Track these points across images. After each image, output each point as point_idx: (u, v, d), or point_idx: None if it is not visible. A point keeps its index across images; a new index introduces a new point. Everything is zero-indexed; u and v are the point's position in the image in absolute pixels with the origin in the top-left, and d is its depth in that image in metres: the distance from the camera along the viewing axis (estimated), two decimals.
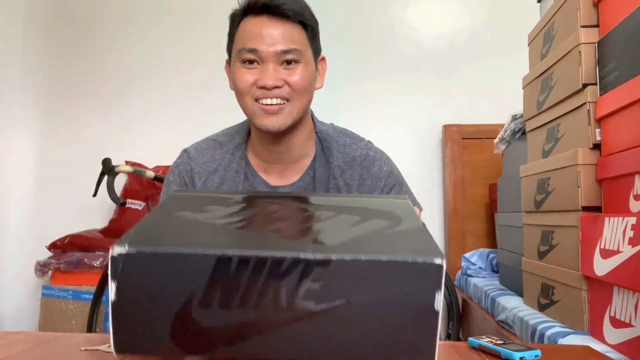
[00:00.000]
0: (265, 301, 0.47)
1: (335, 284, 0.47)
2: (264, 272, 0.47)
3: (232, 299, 0.47)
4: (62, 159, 2.76)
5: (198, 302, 0.47)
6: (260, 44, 0.91)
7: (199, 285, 0.47)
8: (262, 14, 0.92)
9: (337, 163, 1.01)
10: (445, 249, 2.57)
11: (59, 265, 2.27)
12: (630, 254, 0.87)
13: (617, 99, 0.99)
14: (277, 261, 0.47)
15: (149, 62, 2.78)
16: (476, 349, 0.73)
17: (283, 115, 0.93)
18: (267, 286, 0.47)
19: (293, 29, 0.93)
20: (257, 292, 0.47)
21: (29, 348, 0.73)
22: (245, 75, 0.93)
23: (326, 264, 0.47)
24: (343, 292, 0.47)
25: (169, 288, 0.47)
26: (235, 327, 0.48)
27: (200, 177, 1.01)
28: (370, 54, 2.68)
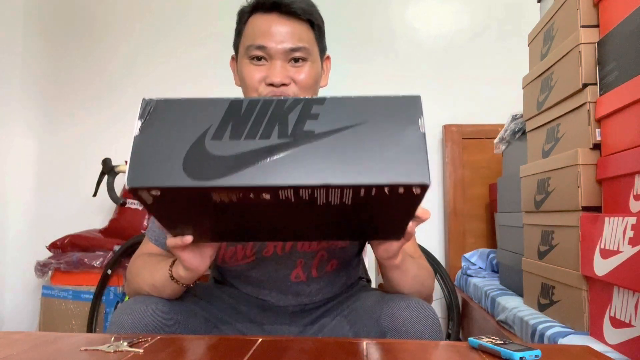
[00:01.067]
0: (271, 131, 0.54)
1: (332, 115, 0.54)
2: (270, 109, 0.55)
3: (241, 131, 0.54)
4: (62, 159, 2.76)
5: (211, 135, 0.54)
6: (269, 41, 0.91)
7: (213, 122, 0.54)
8: (271, 12, 0.92)
9: None
10: (445, 249, 2.57)
11: (59, 265, 2.27)
12: (630, 254, 0.87)
13: (617, 99, 0.99)
14: (281, 100, 0.55)
15: (150, 62, 2.78)
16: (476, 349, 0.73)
17: None
18: (272, 121, 0.54)
19: (301, 27, 0.93)
20: (264, 125, 0.54)
21: (29, 348, 0.73)
22: (253, 72, 0.93)
23: (322, 101, 0.55)
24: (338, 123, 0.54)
25: (186, 125, 0.54)
26: (242, 155, 0.53)
27: None
28: (370, 54, 2.68)
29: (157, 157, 0.53)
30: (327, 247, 1.00)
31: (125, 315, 0.84)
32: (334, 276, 1.04)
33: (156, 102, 0.56)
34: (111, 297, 2.17)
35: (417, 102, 0.55)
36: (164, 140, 0.54)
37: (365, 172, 0.53)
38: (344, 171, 0.53)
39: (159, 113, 0.56)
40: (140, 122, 0.55)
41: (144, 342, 0.74)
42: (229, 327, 0.99)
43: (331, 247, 1.00)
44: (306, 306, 1.04)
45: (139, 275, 0.91)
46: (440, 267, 2.23)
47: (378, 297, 0.93)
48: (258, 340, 0.75)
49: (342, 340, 0.78)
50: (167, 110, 0.56)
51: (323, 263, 1.00)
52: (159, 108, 0.56)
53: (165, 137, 0.54)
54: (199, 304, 0.97)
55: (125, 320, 0.83)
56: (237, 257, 0.99)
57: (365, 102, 0.55)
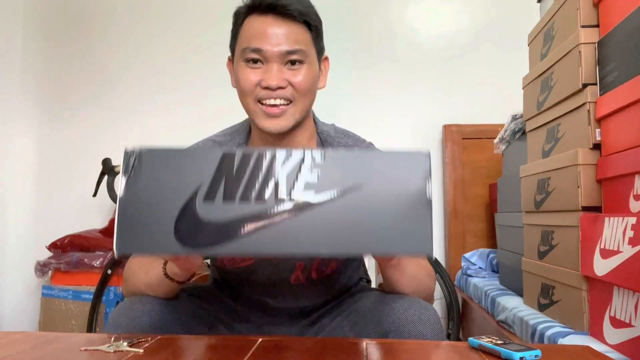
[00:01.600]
0: (266, 193, 0.50)
1: (331, 175, 0.50)
2: (265, 165, 0.51)
3: (235, 192, 0.50)
4: (62, 159, 2.76)
5: (203, 196, 0.50)
6: (264, 44, 0.90)
7: (204, 180, 0.50)
8: (267, 13, 0.91)
9: None
10: (445, 249, 2.57)
11: (59, 265, 2.27)
12: (630, 254, 0.87)
13: (617, 99, 0.99)
14: (277, 154, 0.51)
15: (149, 58, 2.77)
16: (476, 349, 0.73)
17: (285, 117, 0.93)
18: (268, 178, 0.50)
19: (298, 29, 0.92)
20: (259, 184, 0.50)
21: (29, 348, 0.73)
22: (249, 75, 0.92)
23: (321, 156, 0.51)
24: (340, 184, 0.50)
25: (175, 183, 0.50)
26: (236, 222, 0.50)
27: None
28: (370, 54, 2.68)
29: (146, 221, 0.50)
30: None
31: (121, 316, 0.84)
32: (334, 278, 1.04)
33: (140, 154, 0.51)
34: (111, 297, 2.17)
35: (424, 160, 0.52)
36: (152, 200, 0.50)
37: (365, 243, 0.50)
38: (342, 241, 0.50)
39: (144, 167, 0.51)
40: (125, 178, 0.50)
41: (144, 342, 0.74)
42: (227, 328, 0.99)
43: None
44: (306, 308, 1.03)
45: (135, 275, 0.91)
46: (440, 267, 2.23)
47: (379, 297, 0.93)
48: (258, 340, 0.75)
49: (342, 340, 0.78)
50: (152, 163, 0.51)
51: (322, 265, 1.00)
52: (144, 161, 0.51)
53: (153, 197, 0.50)
54: (198, 304, 0.97)
55: (122, 321, 0.83)
56: (236, 260, 0.98)
57: (368, 158, 0.51)
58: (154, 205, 0.50)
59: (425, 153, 0.51)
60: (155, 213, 0.50)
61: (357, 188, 0.50)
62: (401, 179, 0.51)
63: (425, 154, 0.52)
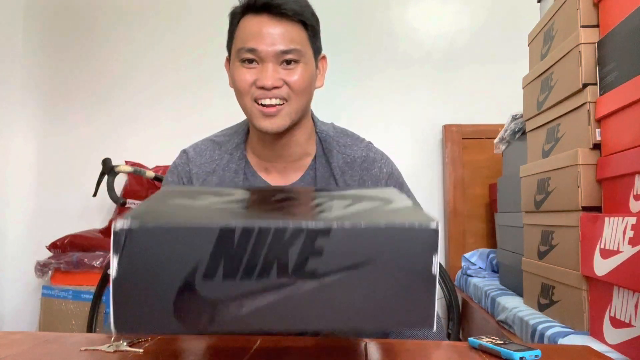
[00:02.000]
0: (269, 269, 0.48)
1: (336, 253, 0.48)
2: (267, 242, 0.47)
3: (236, 268, 0.47)
4: (62, 159, 2.76)
5: (202, 274, 0.47)
6: (259, 44, 0.90)
7: (203, 257, 0.47)
8: (262, 13, 0.91)
9: (337, 164, 1.00)
10: (445, 249, 2.57)
11: (59, 265, 2.27)
12: (630, 254, 0.87)
13: (617, 99, 0.99)
14: (280, 230, 0.48)
15: (150, 61, 2.78)
16: (476, 349, 0.74)
17: (281, 116, 0.93)
18: (271, 256, 0.48)
19: (293, 28, 0.92)
20: (261, 261, 0.47)
21: (29, 348, 0.73)
22: (244, 75, 0.92)
23: (327, 232, 0.48)
24: (345, 261, 0.48)
25: (171, 261, 0.47)
26: (239, 298, 0.48)
27: (199, 178, 1.00)
28: (370, 54, 2.68)
29: (143, 300, 0.47)
30: None
31: None
32: None
33: (131, 231, 0.48)
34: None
35: (431, 235, 0.49)
36: (148, 279, 0.47)
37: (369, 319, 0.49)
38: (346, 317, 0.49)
39: (136, 245, 0.47)
40: (116, 258, 0.47)
41: (144, 342, 0.74)
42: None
43: None
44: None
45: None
46: (440, 267, 2.23)
47: None
48: (257, 340, 0.75)
49: (342, 340, 0.78)
50: (145, 241, 0.47)
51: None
52: (136, 239, 0.48)
53: (149, 275, 0.47)
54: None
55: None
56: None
57: (375, 234, 0.49)
58: (150, 284, 0.47)
59: (433, 228, 0.49)
60: (152, 292, 0.47)
61: (362, 264, 0.49)
62: (407, 254, 0.49)
63: (432, 228, 0.49)
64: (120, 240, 0.48)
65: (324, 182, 1.00)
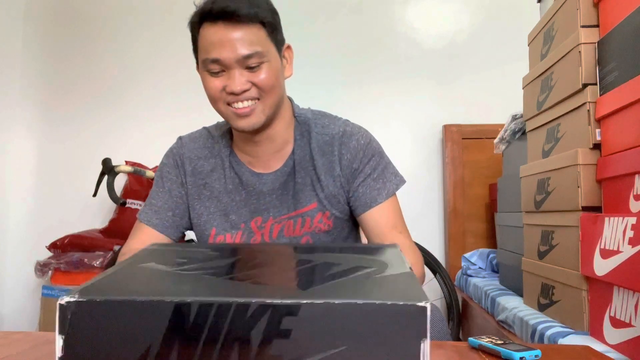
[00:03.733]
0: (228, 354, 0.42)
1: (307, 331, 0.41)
2: (227, 320, 0.42)
3: (193, 353, 0.42)
4: (62, 159, 2.76)
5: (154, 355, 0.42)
6: (221, 53, 0.91)
7: (155, 338, 0.42)
8: (218, 21, 0.91)
9: (316, 144, 1.02)
10: (445, 249, 2.57)
11: (59, 265, 2.27)
12: (630, 254, 0.87)
13: (617, 99, 0.99)
14: (242, 306, 0.42)
15: (150, 61, 2.78)
16: (476, 349, 0.74)
17: (255, 115, 0.95)
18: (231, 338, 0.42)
19: (251, 30, 0.92)
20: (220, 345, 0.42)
21: (29, 348, 0.73)
22: (213, 83, 0.95)
23: (296, 309, 0.41)
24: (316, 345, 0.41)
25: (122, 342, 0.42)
26: None
27: (191, 162, 1.06)
28: (370, 54, 2.68)
29: None
30: (309, 231, 1.00)
31: None
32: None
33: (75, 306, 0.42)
34: None
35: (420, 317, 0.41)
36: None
37: None
38: None
39: (81, 324, 0.42)
40: (62, 339, 0.42)
41: None
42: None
43: (314, 231, 1.00)
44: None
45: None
46: (440, 267, 2.23)
47: None
48: None
49: None
50: (93, 317, 0.42)
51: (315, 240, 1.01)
52: (80, 316, 0.42)
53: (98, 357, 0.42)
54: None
55: None
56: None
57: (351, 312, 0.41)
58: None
59: (422, 306, 0.41)
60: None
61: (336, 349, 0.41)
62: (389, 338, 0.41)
63: (421, 307, 0.41)
64: (65, 317, 0.42)
65: (304, 165, 1.01)
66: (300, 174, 1.01)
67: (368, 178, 1.01)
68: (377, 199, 1.00)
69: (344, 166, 1.00)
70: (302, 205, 0.99)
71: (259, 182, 1.02)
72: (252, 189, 1.02)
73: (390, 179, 1.03)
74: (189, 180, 1.04)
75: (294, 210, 1.00)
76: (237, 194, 1.02)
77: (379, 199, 1.00)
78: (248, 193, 1.02)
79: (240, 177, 1.03)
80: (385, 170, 1.04)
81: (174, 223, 1.03)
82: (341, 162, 1.00)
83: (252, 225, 1.00)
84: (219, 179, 1.03)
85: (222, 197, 1.02)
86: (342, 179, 1.00)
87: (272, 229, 0.99)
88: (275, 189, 1.01)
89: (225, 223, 1.01)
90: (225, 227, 1.01)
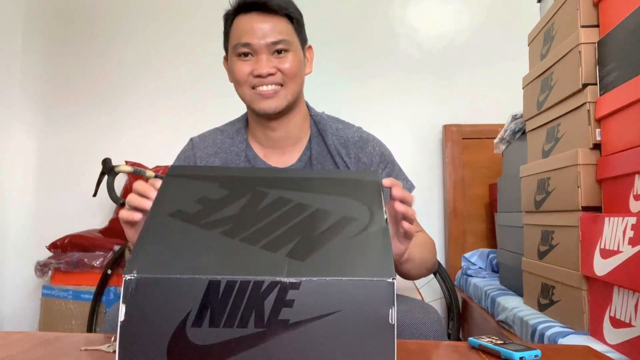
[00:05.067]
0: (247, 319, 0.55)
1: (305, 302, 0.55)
2: (247, 292, 0.55)
3: (220, 318, 0.55)
4: (62, 159, 2.76)
5: (192, 322, 0.55)
6: (252, 38, 1.01)
7: (193, 305, 0.55)
8: (251, 12, 1.02)
9: (332, 143, 1.10)
10: (445, 249, 2.57)
11: (59, 265, 2.27)
12: (630, 254, 0.87)
13: (617, 99, 0.99)
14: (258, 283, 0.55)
15: (149, 61, 2.78)
16: (476, 349, 0.74)
17: (278, 98, 1.03)
18: (249, 305, 0.55)
19: (280, 22, 1.02)
20: (240, 311, 0.55)
21: (29, 348, 0.73)
22: (241, 67, 1.03)
23: (297, 285, 0.56)
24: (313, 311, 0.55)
25: (168, 309, 0.55)
26: (221, 345, 0.55)
27: (202, 160, 1.11)
28: (370, 54, 2.68)
29: (143, 345, 0.55)
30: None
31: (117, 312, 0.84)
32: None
33: (136, 282, 0.56)
34: (111, 297, 2.17)
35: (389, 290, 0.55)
36: (148, 326, 0.55)
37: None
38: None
39: (140, 295, 0.56)
40: (124, 306, 0.55)
41: None
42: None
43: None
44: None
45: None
46: (440, 267, 2.23)
47: None
48: None
49: None
50: (148, 291, 0.56)
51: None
52: (140, 289, 0.56)
53: (149, 323, 0.55)
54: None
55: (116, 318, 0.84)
56: None
57: (339, 287, 0.56)
58: (149, 332, 0.55)
59: (389, 281, 0.55)
60: (151, 337, 0.55)
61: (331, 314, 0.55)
62: (366, 306, 0.55)
63: (389, 282, 0.55)
64: (128, 290, 0.55)
65: (320, 160, 1.08)
66: (316, 167, 1.08)
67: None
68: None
69: (360, 168, 1.09)
70: None
71: None
72: None
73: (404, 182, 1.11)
74: None
75: None
76: None
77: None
78: None
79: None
80: (397, 177, 1.12)
81: None
82: (357, 164, 1.09)
83: None
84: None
85: None
86: None
87: None
88: None
89: None
90: None
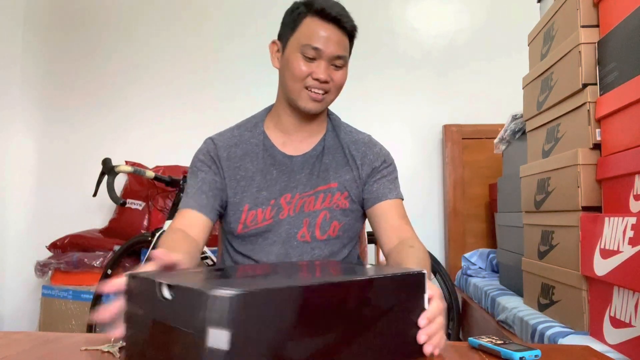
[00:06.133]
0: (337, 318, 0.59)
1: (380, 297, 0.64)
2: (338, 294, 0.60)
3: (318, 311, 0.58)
4: (62, 158, 2.76)
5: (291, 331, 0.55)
6: (325, 47, 1.11)
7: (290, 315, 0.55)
8: (330, 22, 1.11)
9: (344, 138, 1.21)
10: (445, 249, 2.57)
11: (59, 265, 2.27)
12: (630, 254, 0.87)
13: (617, 99, 0.99)
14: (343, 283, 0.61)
15: (149, 61, 2.78)
16: (476, 349, 0.74)
17: (323, 103, 1.14)
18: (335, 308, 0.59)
19: (345, 39, 1.14)
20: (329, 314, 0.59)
21: (29, 348, 0.73)
22: (303, 66, 1.11)
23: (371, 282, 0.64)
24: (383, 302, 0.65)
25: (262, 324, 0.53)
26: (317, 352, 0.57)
27: (224, 150, 1.18)
28: (371, 54, 2.68)
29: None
30: (328, 206, 1.16)
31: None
32: (337, 246, 1.16)
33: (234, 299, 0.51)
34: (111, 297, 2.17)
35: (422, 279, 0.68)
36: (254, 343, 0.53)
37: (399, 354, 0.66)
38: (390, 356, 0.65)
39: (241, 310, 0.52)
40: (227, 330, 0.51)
41: None
42: None
43: (332, 207, 1.15)
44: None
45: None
46: (440, 267, 2.23)
47: None
48: None
49: None
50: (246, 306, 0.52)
51: (325, 224, 1.14)
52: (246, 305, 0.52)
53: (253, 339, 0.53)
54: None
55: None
56: (258, 220, 1.14)
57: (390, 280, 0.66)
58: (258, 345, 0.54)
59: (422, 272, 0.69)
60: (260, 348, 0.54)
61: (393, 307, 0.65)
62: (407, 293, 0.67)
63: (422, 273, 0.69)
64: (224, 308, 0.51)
65: (332, 151, 1.19)
66: (327, 156, 1.18)
67: (384, 179, 1.19)
68: (388, 195, 1.17)
69: (366, 163, 1.18)
70: (325, 183, 1.16)
71: (290, 162, 1.17)
72: (284, 168, 1.16)
73: (399, 189, 1.21)
74: (225, 165, 1.16)
75: (317, 187, 1.16)
76: (268, 173, 1.16)
77: (390, 196, 1.17)
78: (280, 172, 1.16)
79: (273, 158, 1.17)
80: (396, 180, 1.22)
81: (209, 203, 1.14)
82: (364, 159, 1.19)
83: (281, 201, 1.15)
84: (252, 161, 1.17)
85: (255, 176, 1.16)
86: (362, 172, 1.18)
87: (296, 204, 1.15)
88: (304, 169, 1.17)
89: (257, 199, 1.15)
90: (257, 202, 1.14)
